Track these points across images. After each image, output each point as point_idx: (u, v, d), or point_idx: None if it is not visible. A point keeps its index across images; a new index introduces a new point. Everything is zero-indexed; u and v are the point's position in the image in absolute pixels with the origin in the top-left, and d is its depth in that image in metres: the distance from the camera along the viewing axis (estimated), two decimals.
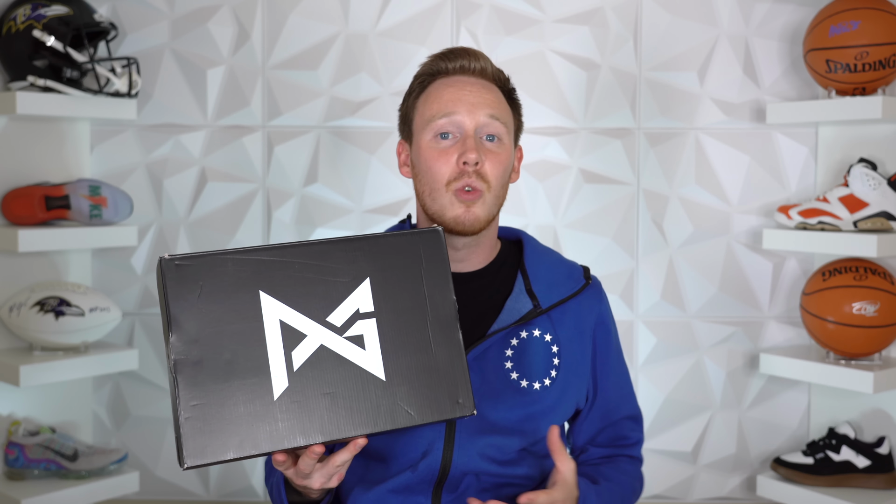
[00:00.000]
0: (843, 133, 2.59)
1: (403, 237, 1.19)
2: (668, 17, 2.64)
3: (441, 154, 1.37)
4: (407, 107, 1.45)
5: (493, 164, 1.37)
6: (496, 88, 1.42)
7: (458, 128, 1.37)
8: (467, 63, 1.40)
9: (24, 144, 2.53)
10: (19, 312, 2.41)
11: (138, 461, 2.70)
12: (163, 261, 1.09)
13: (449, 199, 1.36)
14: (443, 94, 1.38)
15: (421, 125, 1.40)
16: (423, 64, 1.44)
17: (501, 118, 1.39)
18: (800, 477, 2.48)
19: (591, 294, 1.49)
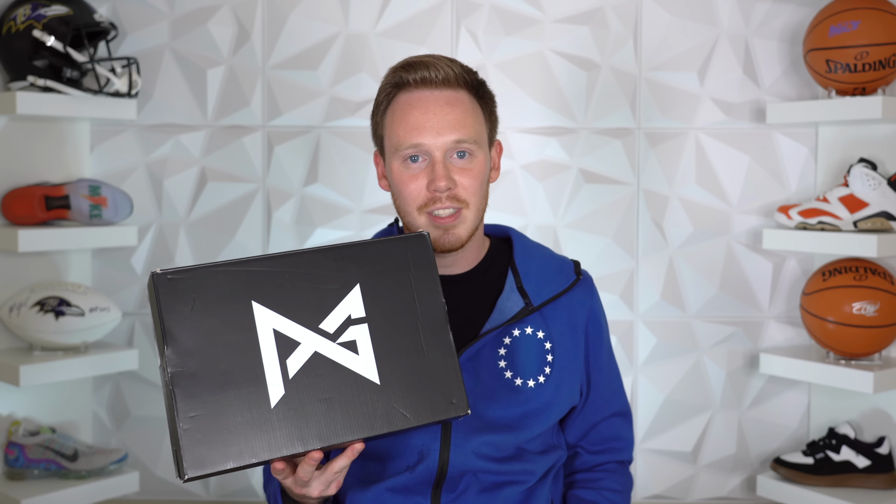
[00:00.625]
0: (843, 133, 2.59)
1: (390, 243, 1.21)
2: (668, 17, 2.64)
3: (411, 178, 1.36)
4: (376, 122, 1.43)
5: (468, 180, 1.36)
6: (463, 94, 1.38)
7: (425, 153, 1.36)
8: (428, 74, 1.36)
9: (24, 144, 2.53)
10: (19, 312, 2.41)
11: (138, 461, 2.70)
12: (154, 275, 1.10)
13: (424, 221, 1.37)
14: (407, 118, 1.36)
15: (390, 148, 1.39)
16: (386, 75, 1.41)
17: (469, 137, 1.36)
18: (800, 477, 2.48)
19: (582, 289, 1.48)
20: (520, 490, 1.40)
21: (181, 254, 2.70)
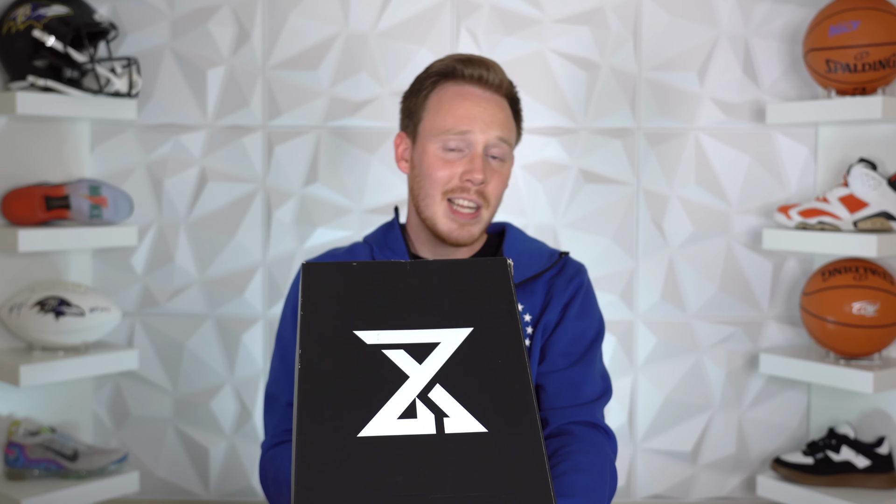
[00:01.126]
0: (843, 133, 2.59)
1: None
2: (668, 17, 2.64)
3: (446, 164, 1.40)
4: (415, 104, 1.46)
5: (496, 183, 1.42)
6: (506, 104, 1.44)
7: (468, 144, 1.39)
8: (486, 74, 1.42)
9: (24, 144, 2.53)
10: (19, 312, 2.41)
11: (138, 461, 2.71)
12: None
13: (443, 209, 1.41)
14: (457, 108, 1.40)
15: (430, 132, 1.42)
16: (438, 62, 1.45)
17: (509, 140, 1.42)
18: (800, 477, 2.49)
19: (571, 271, 1.50)
20: None
21: (181, 254, 2.70)
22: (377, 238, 1.54)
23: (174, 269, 2.70)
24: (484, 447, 0.89)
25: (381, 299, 1.02)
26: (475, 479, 0.86)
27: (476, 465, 0.88)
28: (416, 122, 1.46)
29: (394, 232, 1.53)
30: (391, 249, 1.49)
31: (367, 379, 0.94)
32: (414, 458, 0.88)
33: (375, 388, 0.93)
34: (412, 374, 0.94)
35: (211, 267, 2.70)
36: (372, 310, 1.01)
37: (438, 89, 1.43)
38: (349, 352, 0.96)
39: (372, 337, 0.98)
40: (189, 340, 2.71)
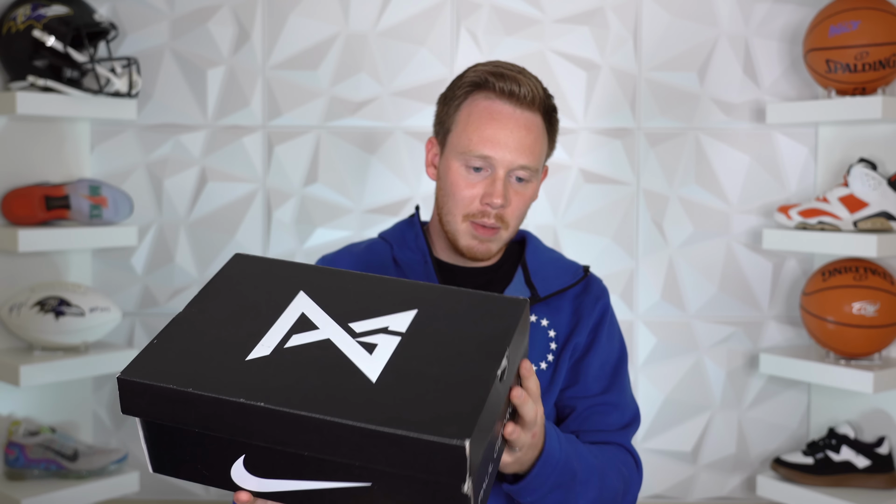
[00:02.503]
0: (843, 133, 2.59)
1: (487, 300, 1.07)
2: (668, 17, 2.64)
3: (467, 185, 1.39)
4: (446, 113, 1.43)
5: (517, 205, 1.40)
6: (538, 119, 1.40)
7: (490, 166, 1.38)
8: (517, 89, 1.38)
9: (24, 144, 2.53)
10: (19, 312, 2.41)
11: (138, 461, 2.70)
12: (237, 255, 1.16)
13: (465, 228, 1.40)
14: (483, 129, 1.37)
15: (456, 147, 1.40)
16: (473, 70, 1.42)
17: (534, 165, 1.39)
18: (800, 477, 2.49)
19: (596, 291, 1.50)
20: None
21: (181, 254, 2.70)
22: (396, 236, 1.52)
23: (174, 269, 2.70)
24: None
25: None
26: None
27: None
28: (445, 131, 1.44)
29: (414, 231, 1.51)
30: (411, 249, 1.48)
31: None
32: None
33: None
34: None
35: (211, 267, 2.70)
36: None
37: (469, 101, 1.40)
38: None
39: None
40: None
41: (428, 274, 1.44)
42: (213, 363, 0.98)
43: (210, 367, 0.97)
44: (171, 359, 0.99)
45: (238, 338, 1.01)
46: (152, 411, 0.97)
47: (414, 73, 2.63)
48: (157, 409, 0.96)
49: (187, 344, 1.01)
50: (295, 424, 0.91)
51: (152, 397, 0.95)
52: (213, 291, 1.09)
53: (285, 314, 1.05)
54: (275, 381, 0.95)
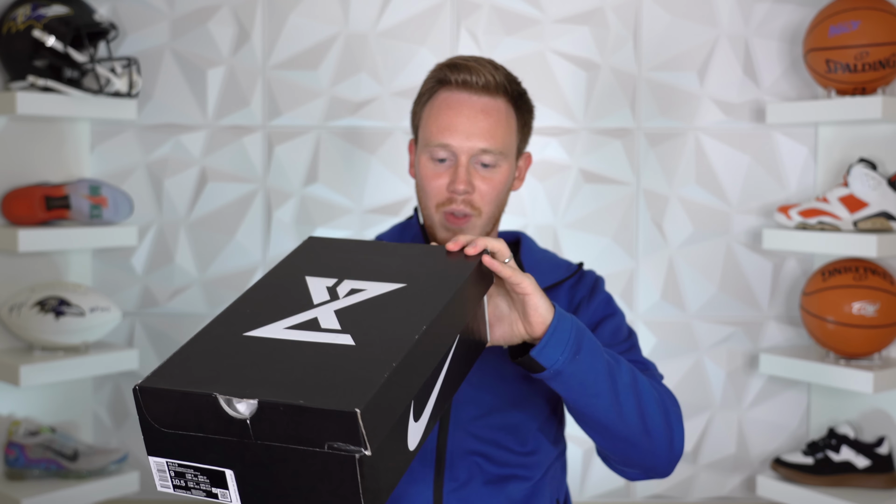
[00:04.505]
0: (843, 133, 2.59)
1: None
2: (668, 17, 2.64)
3: (434, 176, 1.40)
4: (415, 112, 1.47)
5: (486, 189, 1.40)
6: (501, 102, 1.41)
7: (452, 154, 1.39)
8: (469, 77, 1.40)
9: (24, 144, 2.53)
10: (19, 312, 2.41)
11: (138, 461, 2.70)
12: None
13: (439, 219, 1.42)
14: (441, 118, 1.39)
15: (421, 142, 1.43)
16: (432, 70, 1.45)
17: (495, 148, 1.39)
18: (800, 477, 2.49)
19: (589, 282, 1.51)
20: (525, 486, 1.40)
21: (181, 254, 2.70)
22: (394, 237, 1.54)
23: (174, 269, 2.70)
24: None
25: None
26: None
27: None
28: (416, 131, 1.47)
29: (412, 232, 1.52)
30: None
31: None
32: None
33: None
34: (317, 304, 1.04)
35: (211, 267, 2.70)
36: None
37: (433, 98, 1.43)
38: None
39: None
40: None
41: None
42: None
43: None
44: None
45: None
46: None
47: (414, 73, 2.63)
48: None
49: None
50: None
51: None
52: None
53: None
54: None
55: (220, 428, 0.90)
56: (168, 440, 0.93)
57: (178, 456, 0.94)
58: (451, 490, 1.36)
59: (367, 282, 1.09)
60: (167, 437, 0.93)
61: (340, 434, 0.86)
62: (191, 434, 0.92)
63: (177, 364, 0.95)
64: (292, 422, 0.87)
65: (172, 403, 0.91)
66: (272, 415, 0.88)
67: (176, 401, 0.91)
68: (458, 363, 1.10)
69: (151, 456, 0.94)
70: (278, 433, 0.88)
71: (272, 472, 0.91)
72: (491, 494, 1.37)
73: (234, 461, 0.92)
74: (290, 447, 0.89)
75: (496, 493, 1.38)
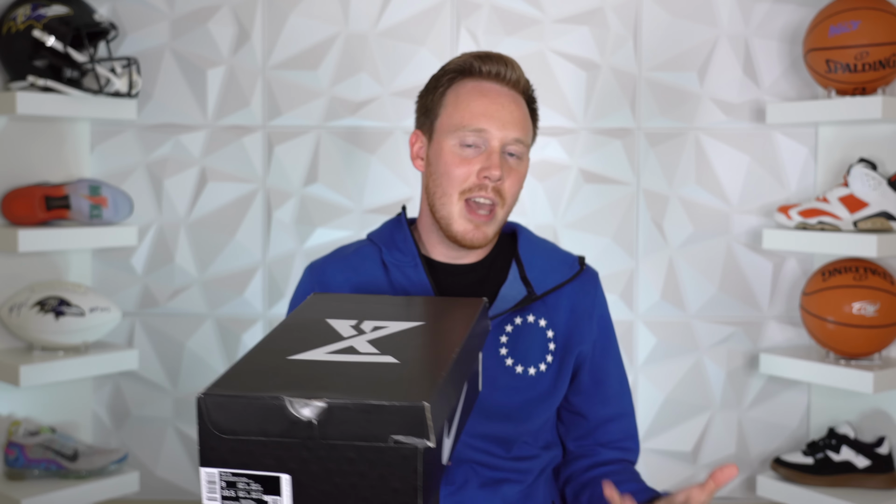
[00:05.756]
0: (843, 133, 2.59)
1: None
2: (668, 17, 2.64)
3: (463, 161, 1.37)
4: (432, 100, 1.43)
5: (513, 181, 1.39)
6: (523, 102, 1.42)
7: (484, 141, 1.37)
8: (503, 71, 1.39)
9: (24, 144, 2.53)
10: (19, 312, 2.41)
11: (138, 461, 2.70)
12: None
13: (459, 209, 1.38)
14: (474, 105, 1.38)
15: (447, 128, 1.39)
16: (455, 59, 1.43)
17: (525, 140, 1.40)
18: (800, 477, 2.49)
19: (589, 283, 1.49)
20: (519, 489, 1.40)
21: (181, 254, 2.70)
22: (384, 238, 1.49)
23: (174, 269, 2.70)
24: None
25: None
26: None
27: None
28: (432, 119, 1.43)
29: (402, 232, 1.48)
30: (400, 251, 1.45)
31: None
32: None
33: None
34: (348, 336, 1.11)
35: (211, 267, 2.70)
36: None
37: (456, 86, 1.40)
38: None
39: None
40: (189, 340, 2.71)
41: (418, 275, 1.42)
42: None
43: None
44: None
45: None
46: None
47: (414, 73, 2.63)
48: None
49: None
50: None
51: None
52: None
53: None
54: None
55: (284, 430, 0.93)
56: (224, 448, 0.95)
57: (232, 465, 0.96)
58: (447, 494, 1.36)
59: (386, 321, 1.16)
60: (224, 445, 0.95)
61: (406, 428, 0.91)
62: (251, 439, 0.94)
63: (234, 378, 0.99)
64: (359, 419, 0.92)
65: (236, 410, 0.94)
66: (340, 414, 0.92)
67: (241, 407, 0.94)
68: (468, 398, 1.17)
69: (204, 467, 0.96)
70: (343, 432, 0.92)
71: (331, 473, 0.94)
72: (486, 497, 1.37)
73: (293, 464, 0.94)
74: (355, 444, 0.92)
75: (491, 495, 1.38)
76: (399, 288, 1.42)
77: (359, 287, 1.44)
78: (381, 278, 1.44)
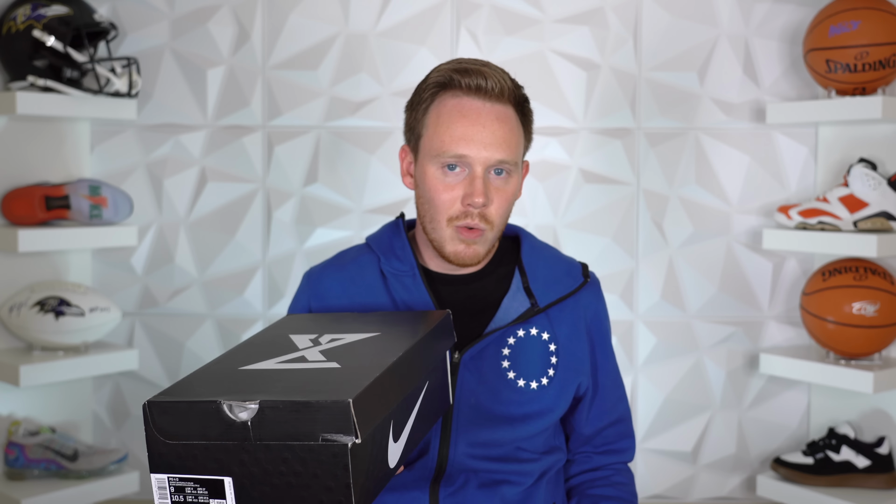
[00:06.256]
0: (843, 133, 2.59)
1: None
2: (668, 17, 2.64)
3: (446, 188, 1.34)
4: (415, 118, 1.39)
5: (499, 202, 1.35)
6: (510, 110, 1.37)
7: (466, 164, 1.34)
8: (484, 83, 1.34)
9: (24, 144, 2.53)
10: (19, 312, 2.41)
11: (138, 461, 2.70)
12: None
13: (450, 234, 1.35)
14: (454, 128, 1.33)
15: (429, 151, 1.36)
16: (436, 71, 1.38)
17: (511, 158, 1.35)
18: (800, 477, 2.49)
19: (589, 292, 1.48)
20: (518, 490, 1.40)
21: (181, 254, 2.70)
22: (382, 245, 1.46)
23: (174, 269, 2.70)
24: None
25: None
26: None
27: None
28: (416, 137, 1.39)
29: (401, 239, 1.45)
30: (398, 259, 1.42)
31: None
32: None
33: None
34: (303, 348, 1.17)
35: (211, 267, 2.70)
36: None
37: (437, 102, 1.36)
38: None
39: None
40: (189, 340, 2.71)
41: (417, 285, 1.40)
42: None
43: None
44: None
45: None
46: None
47: (414, 73, 2.63)
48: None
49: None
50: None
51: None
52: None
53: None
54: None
55: (222, 433, 0.98)
56: (171, 454, 1.00)
57: (179, 470, 1.01)
58: (447, 495, 1.36)
59: (344, 334, 1.22)
60: (170, 451, 1.00)
61: (334, 425, 0.95)
62: (193, 443, 0.99)
63: (181, 386, 1.05)
64: (290, 418, 0.96)
65: (178, 415, 0.99)
66: (272, 414, 0.97)
67: (182, 412, 0.99)
68: (427, 407, 1.22)
69: (154, 474, 1.01)
70: (276, 432, 0.97)
71: (269, 474, 0.99)
72: (486, 497, 1.37)
73: (234, 467, 0.99)
74: (287, 444, 0.97)
75: (491, 495, 1.38)
76: (397, 298, 1.41)
77: (355, 298, 1.42)
78: (379, 289, 1.42)
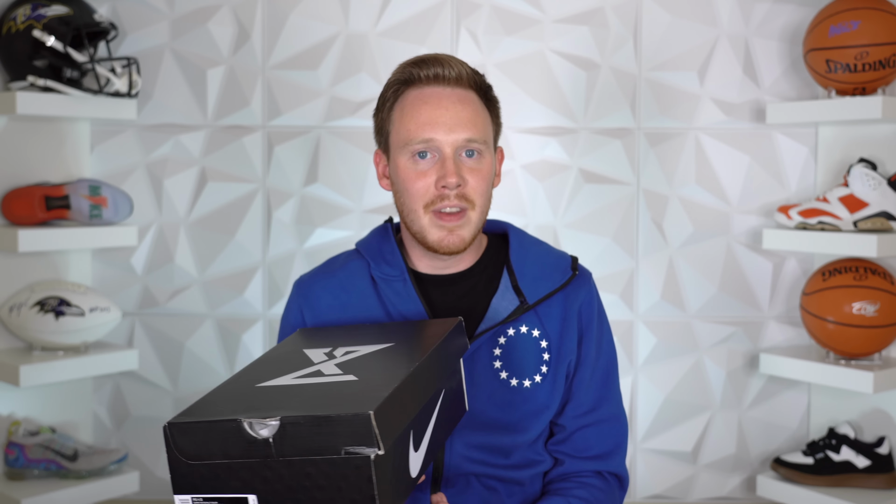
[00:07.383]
0: (843, 133, 2.59)
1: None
2: (668, 17, 2.64)
3: (419, 176, 1.34)
4: (382, 118, 1.40)
5: (475, 181, 1.35)
6: (473, 95, 1.37)
7: (436, 149, 1.34)
8: (441, 71, 1.35)
9: (24, 144, 2.53)
10: (19, 312, 2.41)
11: (138, 461, 2.71)
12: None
13: (428, 220, 1.35)
14: (419, 114, 1.34)
15: (398, 144, 1.36)
16: (395, 71, 1.40)
17: (479, 137, 1.35)
18: (800, 477, 2.49)
19: (577, 284, 1.44)
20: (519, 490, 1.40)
21: (181, 254, 2.70)
22: (372, 251, 1.45)
23: (174, 269, 2.70)
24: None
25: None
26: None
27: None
28: (385, 136, 1.40)
29: (390, 243, 1.45)
30: (388, 263, 1.42)
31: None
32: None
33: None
34: (318, 362, 1.17)
35: (211, 267, 2.70)
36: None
37: (400, 99, 1.37)
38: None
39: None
40: (189, 340, 2.71)
41: (407, 289, 1.39)
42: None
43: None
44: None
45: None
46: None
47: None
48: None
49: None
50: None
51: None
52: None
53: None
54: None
55: (244, 451, 0.98)
56: (194, 474, 1.01)
57: (203, 490, 1.01)
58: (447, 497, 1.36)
59: (358, 346, 1.22)
60: (193, 471, 1.00)
61: (356, 438, 0.96)
62: (216, 462, 0.99)
63: (199, 406, 1.05)
64: (311, 433, 0.96)
65: (199, 435, 1.00)
66: (293, 430, 0.97)
67: (202, 432, 1.00)
68: (445, 414, 1.22)
69: (177, 495, 1.02)
70: (298, 447, 0.97)
71: (293, 490, 0.99)
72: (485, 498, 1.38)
73: (257, 484, 0.99)
74: (310, 459, 0.97)
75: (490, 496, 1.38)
76: (388, 303, 1.40)
77: (347, 305, 1.42)
78: (370, 295, 1.41)
